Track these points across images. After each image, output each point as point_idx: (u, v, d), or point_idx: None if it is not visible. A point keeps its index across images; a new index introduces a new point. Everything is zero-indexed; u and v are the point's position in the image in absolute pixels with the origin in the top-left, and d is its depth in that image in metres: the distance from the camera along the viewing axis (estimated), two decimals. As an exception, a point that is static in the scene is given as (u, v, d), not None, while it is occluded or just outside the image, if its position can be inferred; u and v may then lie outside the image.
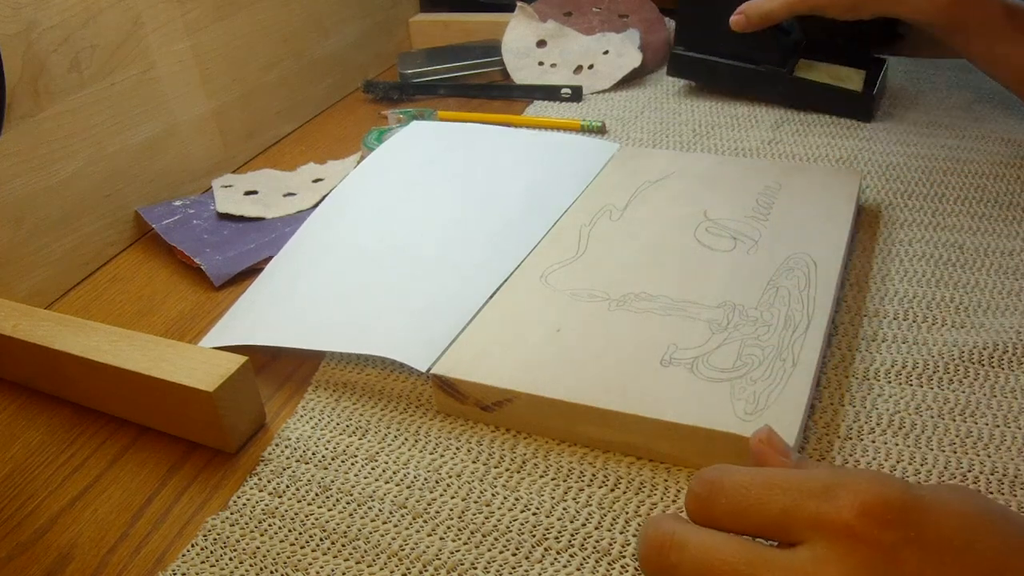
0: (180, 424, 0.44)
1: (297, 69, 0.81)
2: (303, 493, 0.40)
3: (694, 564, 0.27)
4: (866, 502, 0.25)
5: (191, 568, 0.37)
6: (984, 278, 0.51)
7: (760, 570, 0.26)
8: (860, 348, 0.46)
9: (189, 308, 0.56)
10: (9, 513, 0.41)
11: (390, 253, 0.55)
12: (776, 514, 0.27)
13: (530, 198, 0.59)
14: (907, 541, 0.25)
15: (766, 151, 0.69)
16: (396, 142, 0.68)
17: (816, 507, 0.26)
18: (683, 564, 0.27)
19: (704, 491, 0.29)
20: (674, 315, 0.46)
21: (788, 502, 0.27)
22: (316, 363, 0.49)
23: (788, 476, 0.28)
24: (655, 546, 0.28)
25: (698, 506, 0.29)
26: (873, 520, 0.25)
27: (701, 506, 0.28)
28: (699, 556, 0.27)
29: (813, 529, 0.26)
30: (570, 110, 0.80)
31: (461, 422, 0.44)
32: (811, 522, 0.26)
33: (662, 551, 0.28)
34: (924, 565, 0.25)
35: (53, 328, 0.46)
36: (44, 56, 0.55)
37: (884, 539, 0.25)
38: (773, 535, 0.27)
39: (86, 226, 0.60)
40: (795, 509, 0.26)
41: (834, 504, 0.26)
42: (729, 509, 0.28)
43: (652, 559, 0.28)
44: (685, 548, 0.27)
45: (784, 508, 0.27)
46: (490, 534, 0.37)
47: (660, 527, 0.28)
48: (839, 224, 0.53)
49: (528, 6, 0.91)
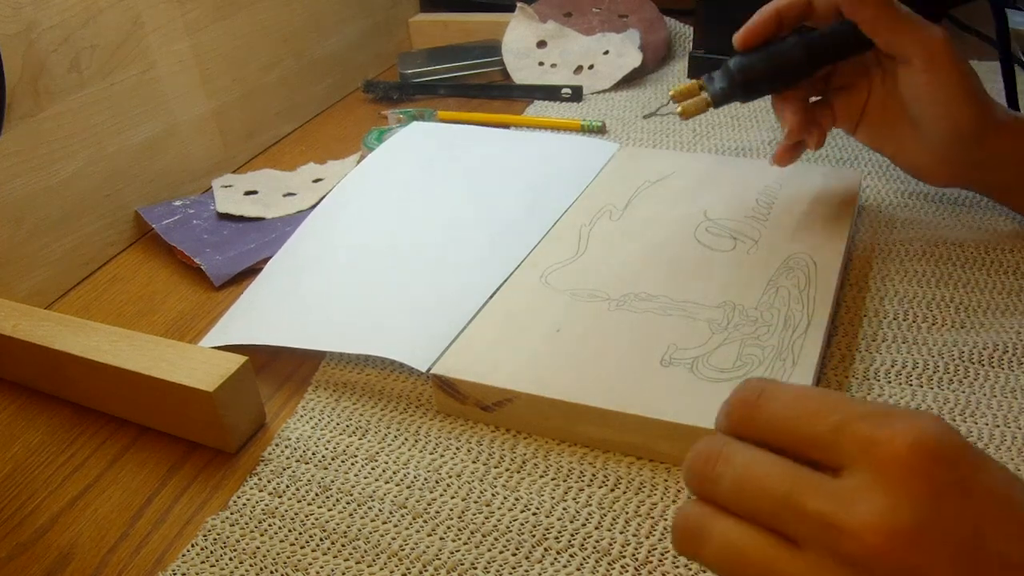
0: (180, 424, 0.44)
1: (297, 69, 0.81)
2: (303, 493, 0.40)
3: (735, 477, 0.26)
4: (923, 435, 0.24)
5: (191, 568, 0.37)
6: (984, 278, 0.51)
7: (803, 491, 0.25)
8: (860, 348, 0.46)
9: (189, 308, 0.56)
10: (9, 513, 0.41)
11: (390, 253, 0.55)
12: (825, 430, 0.26)
13: (530, 198, 0.59)
14: (954, 484, 0.24)
15: (766, 151, 0.69)
16: (396, 142, 0.68)
17: (869, 430, 0.25)
18: (726, 476, 0.27)
19: (752, 396, 0.28)
20: (674, 315, 0.46)
21: (840, 420, 0.25)
22: (316, 363, 0.49)
23: (842, 396, 0.27)
24: (704, 456, 0.27)
25: (745, 411, 0.28)
26: (927, 454, 0.24)
27: (748, 411, 0.28)
28: (742, 471, 0.26)
29: (862, 452, 0.25)
30: (570, 110, 0.80)
31: (461, 422, 0.44)
32: (862, 444, 0.25)
33: (709, 461, 0.27)
34: (966, 513, 0.24)
35: (53, 328, 0.46)
36: (44, 56, 0.55)
37: (935, 476, 0.24)
38: (818, 454, 0.26)
39: (86, 226, 0.60)
40: (847, 427, 0.25)
41: (889, 430, 0.25)
42: (778, 416, 0.27)
43: (697, 468, 0.28)
44: (731, 461, 0.27)
45: (836, 425, 0.25)
46: (490, 534, 0.37)
47: (712, 441, 0.28)
48: (839, 224, 0.53)
49: (528, 7, 0.91)
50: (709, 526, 0.27)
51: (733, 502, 0.27)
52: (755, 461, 0.26)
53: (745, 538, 0.26)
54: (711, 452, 0.27)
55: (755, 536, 0.26)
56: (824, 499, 0.25)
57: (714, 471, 0.27)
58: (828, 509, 0.24)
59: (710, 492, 0.27)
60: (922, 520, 0.24)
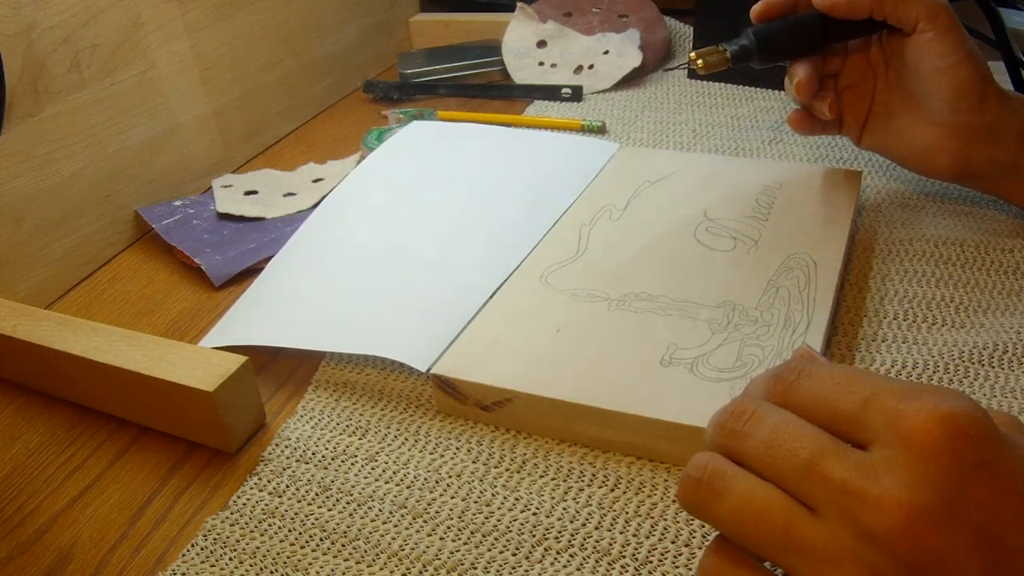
0: (180, 424, 0.44)
1: (297, 69, 0.81)
2: (303, 493, 0.40)
3: (765, 437, 0.26)
4: (951, 411, 0.24)
5: (191, 568, 0.37)
6: (984, 278, 0.51)
7: (828, 456, 0.25)
8: (860, 348, 0.46)
9: (189, 308, 0.56)
10: (9, 513, 0.41)
11: (390, 253, 0.55)
12: (855, 406, 0.26)
13: (530, 198, 0.59)
14: (981, 464, 0.23)
15: (766, 151, 0.69)
16: (396, 142, 0.68)
17: (897, 404, 0.25)
18: (755, 435, 0.27)
19: (791, 375, 0.28)
20: (674, 315, 0.46)
21: (869, 395, 0.25)
22: (316, 363, 0.49)
23: (872, 374, 0.27)
24: (735, 414, 0.27)
25: (782, 387, 0.28)
26: (954, 431, 0.24)
27: (786, 387, 0.28)
28: (772, 431, 0.26)
29: (889, 426, 0.25)
30: (570, 110, 0.80)
31: (461, 422, 0.44)
32: (890, 417, 0.25)
33: (740, 417, 0.27)
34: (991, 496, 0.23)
35: (53, 328, 0.46)
36: (44, 56, 0.55)
37: (961, 455, 0.23)
38: (848, 429, 0.26)
39: (86, 226, 0.60)
40: (876, 401, 0.25)
41: (916, 403, 0.24)
42: (812, 392, 0.27)
43: (726, 425, 0.27)
44: (764, 421, 0.27)
45: (865, 400, 0.25)
46: (490, 534, 0.37)
47: (746, 400, 0.28)
48: (839, 224, 0.53)
49: (528, 7, 0.91)
50: (729, 481, 0.26)
51: (758, 461, 0.26)
52: (787, 423, 0.26)
53: (767, 498, 0.26)
54: (744, 409, 0.27)
55: (776, 497, 0.26)
56: (848, 467, 0.24)
57: (743, 428, 0.27)
58: (851, 477, 0.24)
59: (736, 448, 0.27)
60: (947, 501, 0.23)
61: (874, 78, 0.56)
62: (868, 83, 0.56)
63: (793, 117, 0.57)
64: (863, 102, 0.57)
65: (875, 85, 0.56)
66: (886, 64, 0.55)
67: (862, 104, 0.57)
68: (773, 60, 0.54)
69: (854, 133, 0.58)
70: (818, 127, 0.58)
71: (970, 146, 0.52)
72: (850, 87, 0.57)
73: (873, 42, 0.55)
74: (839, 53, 0.56)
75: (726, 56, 0.54)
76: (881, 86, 0.56)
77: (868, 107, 0.57)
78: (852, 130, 0.58)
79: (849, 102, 0.57)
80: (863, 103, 0.57)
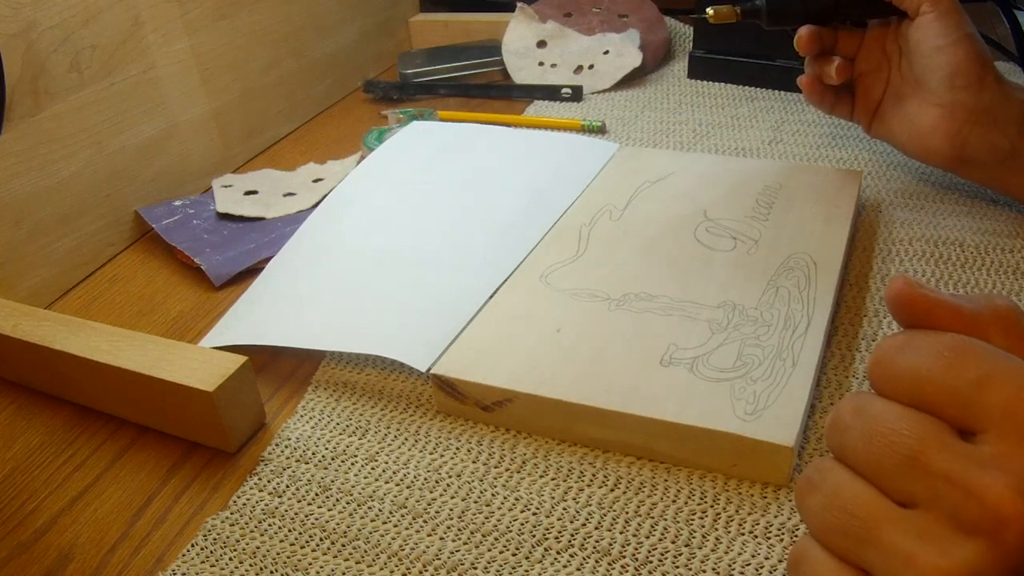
0: (180, 424, 0.44)
1: (297, 69, 0.81)
2: (303, 493, 0.40)
3: (864, 429, 0.24)
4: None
5: (191, 568, 0.37)
6: (984, 278, 0.51)
7: (932, 447, 0.23)
8: (860, 348, 0.46)
9: (189, 308, 0.56)
10: (9, 513, 0.41)
11: (390, 253, 0.55)
12: (965, 384, 0.23)
13: (530, 198, 0.59)
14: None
15: (766, 151, 0.69)
16: (396, 142, 0.68)
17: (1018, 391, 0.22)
18: (855, 427, 0.25)
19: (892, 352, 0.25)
20: (674, 315, 0.46)
21: (984, 375, 0.23)
22: (316, 363, 0.49)
23: (984, 346, 0.23)
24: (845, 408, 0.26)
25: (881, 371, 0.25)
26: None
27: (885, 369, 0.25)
28: (871, 422, 0.24)
29: (1006, 415, 0.22)
30: (570, 110, 0.80)
31: (461, 422, 0.44)
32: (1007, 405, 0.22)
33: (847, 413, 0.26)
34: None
35: (53, 328, 0.46)
36: (44, 56, 0.55)
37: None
38: (955, 411, 0.23)
39: (86, 226, 0.60)
40: (991, 384, 0.22)
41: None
42: (915, 366, 0.24)
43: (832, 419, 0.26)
44: (863, 413, 0.25)
45: (978, 380, 0.23)
46: (490, 534, 0.37)
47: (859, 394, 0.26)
48: (839, 224, 0.53)
49: (528, 7, 0.91)
50: (823, 475, 0.25)
51: (859, 453, 0.25)
52: (887, 412, 0.24)
53: (852, 491, 0.24)
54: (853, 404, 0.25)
55: (864, 491, 0.24)
56: (954, 458, 0.22)
57: (843, 421, 0.25)
58: (957, 468, 0.22)
59: (839, 443, 0.25)
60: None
61: (888, 67, 0.57)
62: (883, 71, 0.57)
63: (803, 79, 0.59)
64: (876, 89, 0.58)
65: (889, 74, 0.57)
66: (900, 54, 0.56)
67: (875, 91, 0.58)
68: (780, 23, 0.57)
69: (865, 120, 0.59)
70: (828, 96, 0.59)
71: (967, 128, 0.53)
72: (865, 74, 0.58)
73: (889, 31, 0.57)
74: (855, 35, 0.58)
75: (736, 12, 0.57)
76: (894, 75, 0.57)
77: (881, 95, 0.58)
78: (863, 116, 0.59)
79: (863, 89, 0.58)
80: (876, 90, 0.58)
